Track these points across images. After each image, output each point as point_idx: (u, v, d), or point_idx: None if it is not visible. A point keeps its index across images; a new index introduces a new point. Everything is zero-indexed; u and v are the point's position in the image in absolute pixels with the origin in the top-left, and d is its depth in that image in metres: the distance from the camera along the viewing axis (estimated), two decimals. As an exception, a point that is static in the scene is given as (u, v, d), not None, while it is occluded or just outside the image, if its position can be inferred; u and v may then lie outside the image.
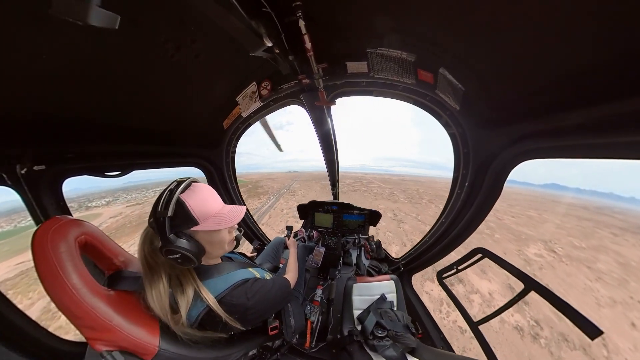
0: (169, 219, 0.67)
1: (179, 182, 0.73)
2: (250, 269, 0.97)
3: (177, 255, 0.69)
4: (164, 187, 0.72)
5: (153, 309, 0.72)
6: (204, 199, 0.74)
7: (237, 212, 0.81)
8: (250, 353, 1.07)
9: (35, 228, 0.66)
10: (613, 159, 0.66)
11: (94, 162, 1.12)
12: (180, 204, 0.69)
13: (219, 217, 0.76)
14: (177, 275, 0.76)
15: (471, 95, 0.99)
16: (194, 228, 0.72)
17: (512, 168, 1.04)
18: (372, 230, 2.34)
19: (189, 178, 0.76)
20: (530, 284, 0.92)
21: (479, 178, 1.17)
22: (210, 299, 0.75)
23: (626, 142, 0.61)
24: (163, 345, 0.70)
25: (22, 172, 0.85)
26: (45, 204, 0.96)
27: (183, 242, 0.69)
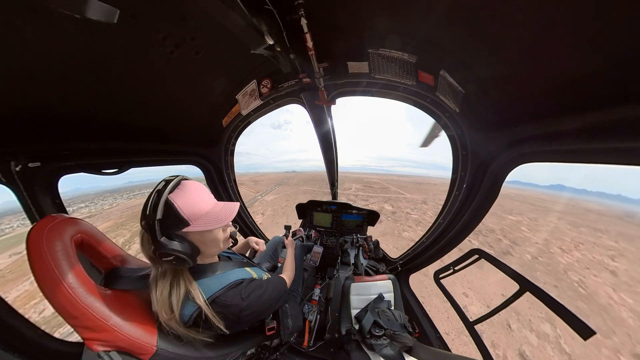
0: (159, 221, 0.64)
1: (167, 182, 0.69)
2: (247, 269, 0.97)
3: (171, 258, 0.68)
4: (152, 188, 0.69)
5: (155, 308, 0.72)
6: (193, 199, 0.71)
7: (230, 210, 0.78)
8: (249, 352, 1.07)
9: (31, 226, 0.65)
10: (609, 164, 0.67)
11: (91, 159, 1.10)
12: (169, 206, 0.66)
13: (210, 216, 0.73)
14: (174, 273, 0.75)
15: (471, 98, 0.99)
16: (186, 229, 0.70)
17: (510, 170, 1.05)
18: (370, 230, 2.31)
19: (178, 176, 0.72)
20: (525, 285, 0.94)
21: (477, 180, 1.19)
22: (201, 299, 0.74)
23: (622, 147, 0.62)
24: (161, 344, 0.69)
25: (17, 169, 0.83)
26: (41, 201, 0.94)
27: (175, 244, 0.67)
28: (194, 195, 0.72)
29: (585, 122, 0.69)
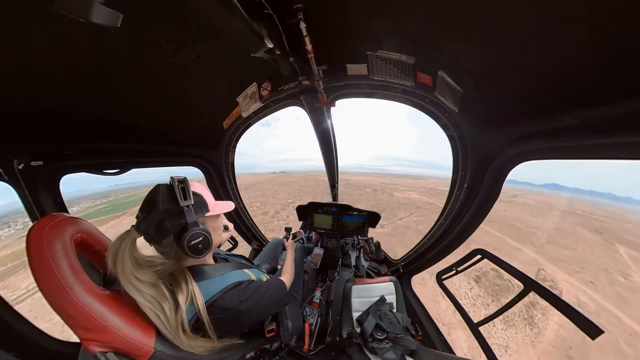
0: (192, 206, 0.73)
1: (181, 179, 0.75)
2: (245, 270, 0.96)
3: (200, 239, 0.72)
4: (154, 187, 0.74)
5: (164, 332, 0.69)
6: (206, 190, 0.85)
7: (227, 203, 0.92)
8: (248, 356, 1.06)
9: (31, 225, 0.65)
10: (610, 160, 0.67)
11: (93, 159, 1.12)
12: (197, 194, 0.77)
13: (219, 205, 0.87)
14: (176, 278, 0.74)
15: (470, 97, 1.00)
16: (207, 214, 0.79)
17: (511, 169, 1.05)
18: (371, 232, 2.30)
19: (184, 177, 0.78)
20: (530, 285, 0.93)
21: (478, 179, 1.18)
22: (201, 303, 0.73)
23: (622, 142, 0.62)
24: (159, 347, 0.68)
25: (20, 167, 0.84)
26: (42, 200, 0.94)
27: (202, 226, 0.74)
28: (204, 188, 0.85)
29: (585, 118, 0.69)
